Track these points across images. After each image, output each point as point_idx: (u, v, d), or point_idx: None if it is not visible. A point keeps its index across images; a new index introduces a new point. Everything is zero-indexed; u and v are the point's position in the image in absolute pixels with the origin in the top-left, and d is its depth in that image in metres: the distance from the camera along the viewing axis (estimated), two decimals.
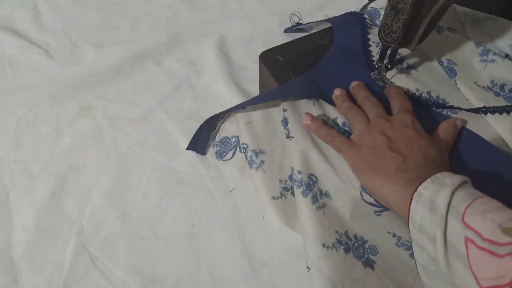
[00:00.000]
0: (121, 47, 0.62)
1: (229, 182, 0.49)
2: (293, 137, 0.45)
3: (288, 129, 0.46)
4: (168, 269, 0.44)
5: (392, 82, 0.49)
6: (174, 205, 0.48)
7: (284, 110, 0.47)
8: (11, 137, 0.53)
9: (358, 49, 0.53)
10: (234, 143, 0.50)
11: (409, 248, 0.39)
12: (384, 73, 0.50)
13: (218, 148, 0.51)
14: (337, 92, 0.47)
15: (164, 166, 0.51)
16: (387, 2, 0.43)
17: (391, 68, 0.49)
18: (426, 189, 0.33)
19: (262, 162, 0.46)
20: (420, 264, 0.34)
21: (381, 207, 0.41)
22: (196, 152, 0.51)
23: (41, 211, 0.47)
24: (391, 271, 0.39)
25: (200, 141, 0.51)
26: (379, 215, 0.41)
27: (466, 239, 0.29)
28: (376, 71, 0.49)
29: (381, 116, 0.42)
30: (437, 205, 0.31)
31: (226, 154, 0.50)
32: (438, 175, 0.34)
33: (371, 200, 0.42)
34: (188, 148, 0.50)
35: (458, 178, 0.33)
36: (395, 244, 0.40)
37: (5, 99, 0.57)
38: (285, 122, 0.47)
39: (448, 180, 0.33)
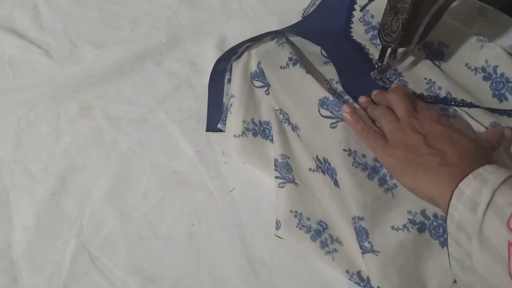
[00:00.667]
0: (121, 47, 0.62)
1: (229, 182, 0.49)
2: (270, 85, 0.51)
3: (267, 80, 0.51)
4: (168, 269, 0.44)
5: (391, 82, 0.49)
6: (174, 205, 0.48)
7: (259, 63, 0.52)
8: (11, 137, 0.53)
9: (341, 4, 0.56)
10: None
11: (365, 167, 0.42)
12: (384, 73, 0.50)
13: (222, 115, 0.53)
14: (362, 99, 0.47)
15: (164, 166, 0.51)
16: (386, 1, 0.43)
17: (386, 65, 0.49)
18: (467, 186, 0.32)
19: (231, 105, 0.51)
20: (453, 257, 0.33)
21: (337, 118, 0.44)
22: (214, 131, 0.53)
23: (41, 211, 0.47)
24: (348, 190, 0.41)
25: (214, 118, 0.53)
26: (335, 126, 0.44)
27: (510, 244, 0.28)
28: (376, 71, 0.49)
29: (410, 113, 0.42)
30: (478, 204, 0.30)
31: (226, 118, 0.52)
32: (481, 169, 0.33)
33: (327, 113, 0.44)
34: (208, 130, 0.53)
35: (502, 174, 0.32)
36: (352, 165, 0.41)
37: (5, 99, 0.57)
38: (260, 73, 0.52)
39: (491, 177, 0.31)
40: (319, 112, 0.45)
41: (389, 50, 0.47)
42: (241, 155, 0.49)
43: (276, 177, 0.46)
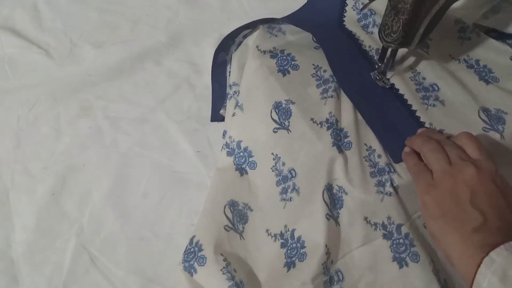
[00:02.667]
0: (121, 47, 0.62)
1: None
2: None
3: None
4: (168, 269, 0.44)
5: (391, 82, 0.49)
6: (174, 205, 0.48)
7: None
8: (11, 137, 0.53)
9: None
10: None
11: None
12: (384, 74, 0.50)
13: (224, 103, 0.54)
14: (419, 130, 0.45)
15: (164, 166, 0.51)
16: (387, 2, 0.43)
17: (385, 68, 0.49)
18: (498, 256, 0.31)
19: (235, 92, 0.51)
20: None
21: (281, 126, 0.46)
22: (219, 121, 0.54)
23: (41, 211, 0.47)
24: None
25: (218, 109, 0.54)
26: (276, 131, 0.46)
27: None
28: (376, 71, 0.49)
29: (464, 159, 0.37)
30: (509, 277, 0.29)
31: (226, 104, 0.53)
32: None
33: (275, 118, 0.47)
34: (212, 120, 0.54)
35: None
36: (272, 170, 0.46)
37: (5, 99, 0.57)
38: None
39: None
40: (271, 114, 0.47)
41: (389, 50, 0.47)
42: (241, 132, 0.48)
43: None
